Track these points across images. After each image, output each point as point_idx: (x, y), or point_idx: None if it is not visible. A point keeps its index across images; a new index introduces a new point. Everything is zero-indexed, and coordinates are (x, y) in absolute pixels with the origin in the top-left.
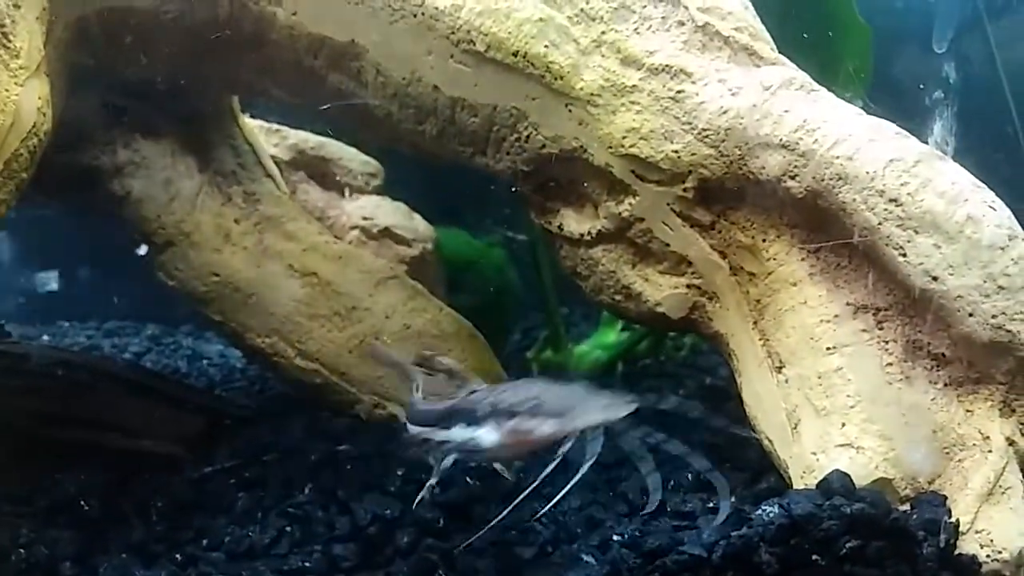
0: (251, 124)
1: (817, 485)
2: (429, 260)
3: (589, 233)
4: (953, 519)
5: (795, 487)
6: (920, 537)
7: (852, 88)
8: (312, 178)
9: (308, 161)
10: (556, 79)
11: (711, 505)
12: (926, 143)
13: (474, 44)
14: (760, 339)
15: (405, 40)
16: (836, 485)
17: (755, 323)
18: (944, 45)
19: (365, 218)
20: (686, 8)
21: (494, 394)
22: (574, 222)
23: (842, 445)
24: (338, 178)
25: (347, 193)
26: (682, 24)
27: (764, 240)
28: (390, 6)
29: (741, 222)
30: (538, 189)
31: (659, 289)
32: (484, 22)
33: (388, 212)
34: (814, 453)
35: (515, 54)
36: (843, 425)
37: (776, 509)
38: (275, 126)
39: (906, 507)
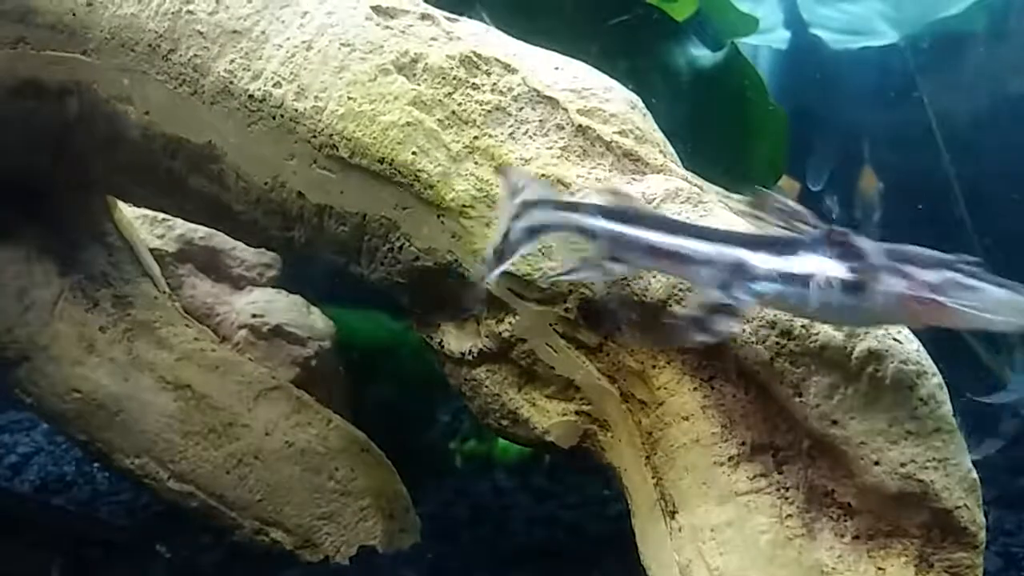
0: (130, 216)
1: None
2: (326, 359)
3: (471, 352)
4: None
5: None
6: None
7: (771, 175)
8: (202, 271)
9: (197, 253)
10: (426, 188)
11: None
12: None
13: (337, 149)
14: (653, 477)
15: (265, 143)
16: None
17: (647, 458)
18: (821, 184)
19: (255, 315)
20: (565, 110)
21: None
22: (455, 340)
23: None
24: (230, 270)
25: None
26: (561, 128)
27: (654, 367)
28: (247, 107)
29: (630, 346)
30: (416, 303)
31: (547, 415)
32: (347, 126)
33: (281, 308)
34: None
35: (381, 161)
36: None
37: None
38: (160, 215)
39: None
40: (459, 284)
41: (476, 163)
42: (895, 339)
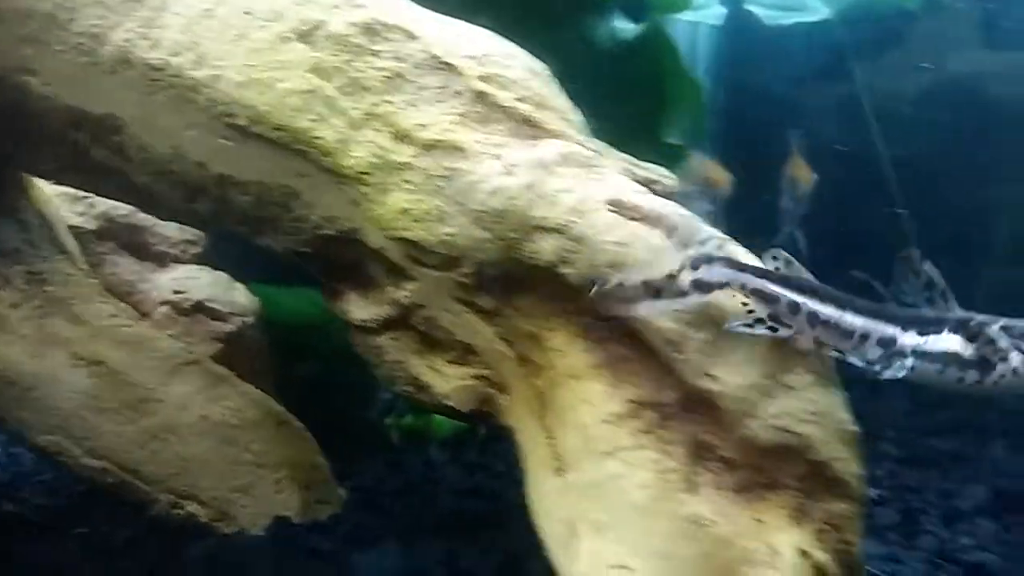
0: (50, 193)
1: None
2: (249, 335)
3: (374, 320)
4: None
5: None
6: None
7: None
8: (124, 248)
9: (119, 230)
10: (324, 155)
11: None
12: None
13: (236, 118)
14: (546, 437)
15: (165, 113)
16: None
17: (541, 419)
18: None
19: (177, 292)
20: (465, 77)
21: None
22: (358, 308)
23: (615, 566)
24: (153, 247)
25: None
26: (459, 94)
27: (547, 329)
28: (146, 77)
29: (525, 309)
30: (323, 272)
31: (447, 380)
32: (245, 94)
33: (204, 284)
34: (587, 574)
35: (278, 128)
36: (617, 542)
37: None
38: (81, 193)
39: None
40: (362, 252)
41: (375, 130)
42: None
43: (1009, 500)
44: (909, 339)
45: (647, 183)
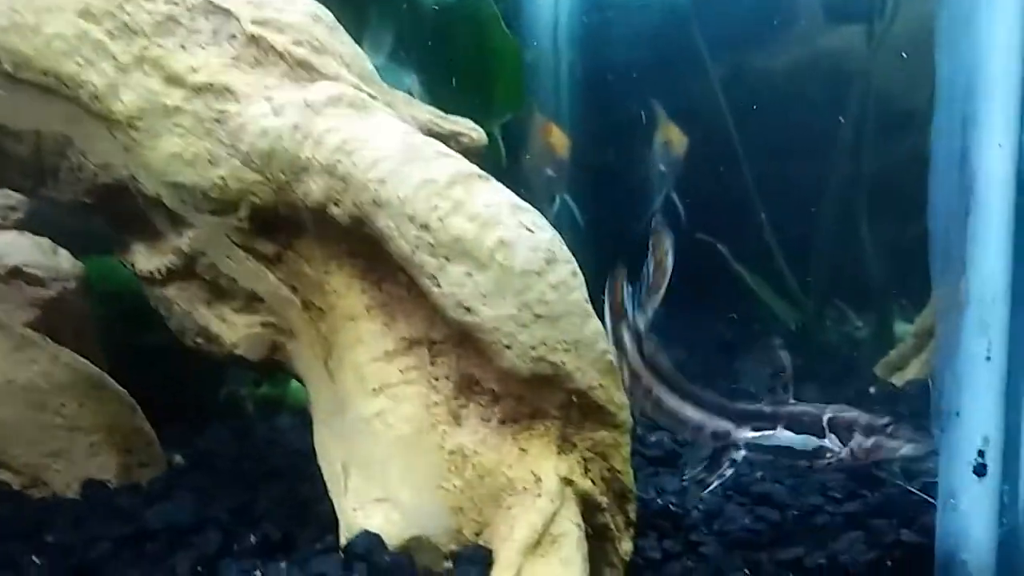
0: None
1: (343, 550)
2: (71, 300)
3: (159, 271)
4: None
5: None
6: None
7: (510, 105)
8: None
9: None
10: (93, 100)
11: None
12: None
13: (1, 64)
14: (329, 380)
15: None
16: (360, 549)
17: (325, 363)
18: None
19: None
20: (238, 20)
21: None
22: (144, 259)
23: (379, 500)
24: None
25: None
26: (233, 37)
27: (327, 272)
28: None
29: (305, 253)
30: (110, 223)
31: (235, 329)
32: (10, 39)
33: (23, 249)
34: (355, 509)
35: (46, 73)
36: (381, 476)
37: None
38: None
39: (449, 565)
40: (141, 200)
41: (145, 74)
42: (528, 229)
43: None
44: (743, 433)
45: (453, 135)
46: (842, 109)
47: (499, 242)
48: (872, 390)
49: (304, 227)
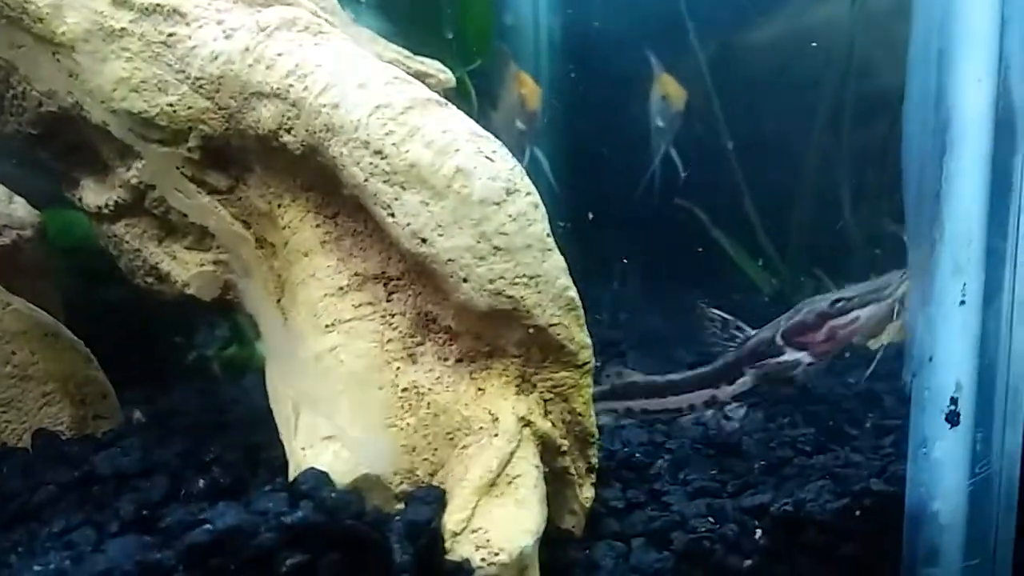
0: None
1: (288, 487)
2: (25, 249)
3: (107, 206)
4: (447, 519)
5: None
6: (392, 544)
7: (480, 46)
8: None
9: None
10: (35, 22)
11: None
12: None
13: None
14: (282, 318)
15: None
16: (306, 487)
17: (279, 300)
18: None
19: None
20: None
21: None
22: (92, 194)
23: (328, 438)
24: None
25: None
26: None
27: (280, 206)
28: None
29: (259, 186)
30: (57, 156)
31: (186, 267)
32: None
33: None
34: (303, 448)
35: None
36: (331, 414)
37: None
38: None
39: (401, 506)
40: (87, 130)
41: None
42: (487, 157)
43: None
44: (726, 391)
45: (420, 76)
46: (825, 82)
47: (456, 170)
48: (847, 355)
49: (256, 158)
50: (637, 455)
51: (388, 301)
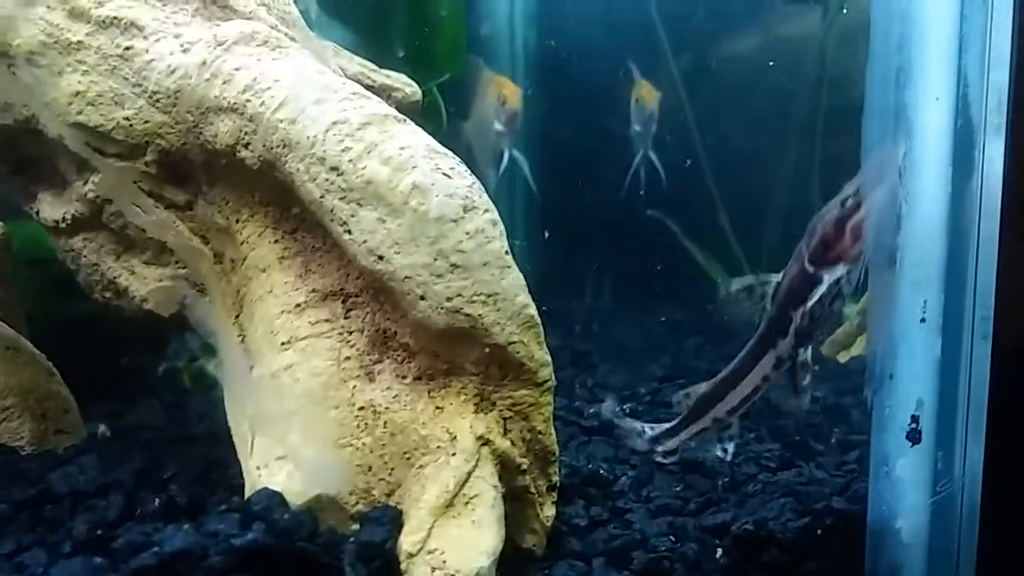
0: None
1: (241, 508)
2: None
3: (64, 219)
4: (402, 540)
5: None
6: (345, 566)
7: (451, 59)
8: None
9: None
10: None
11: None
12: None
13: None
14: (239, 335)
15: None
16: (258, 507)
17: (237, 317)
18: None
19: None
20: None
21: None
22: (50, 207)
23: (282, 457)
24: None
25: None
26: None
27: (238, 221)
28: None
29: (217, 201)
30: (13, 170)
31: (145, 282)
32: None
33: None
34: (258, 468)
35: None
36: (285, 433)
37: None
38: None
39: (356, 527)
40: (44, 143)
41: (48, 7)
42: (445, 174)
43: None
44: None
45: (385, 89)
46: (797, 95)
47: (413, 187)
48: (816, 368)
49: (214, 173)
50: (602, 471)
51: (346, 318)
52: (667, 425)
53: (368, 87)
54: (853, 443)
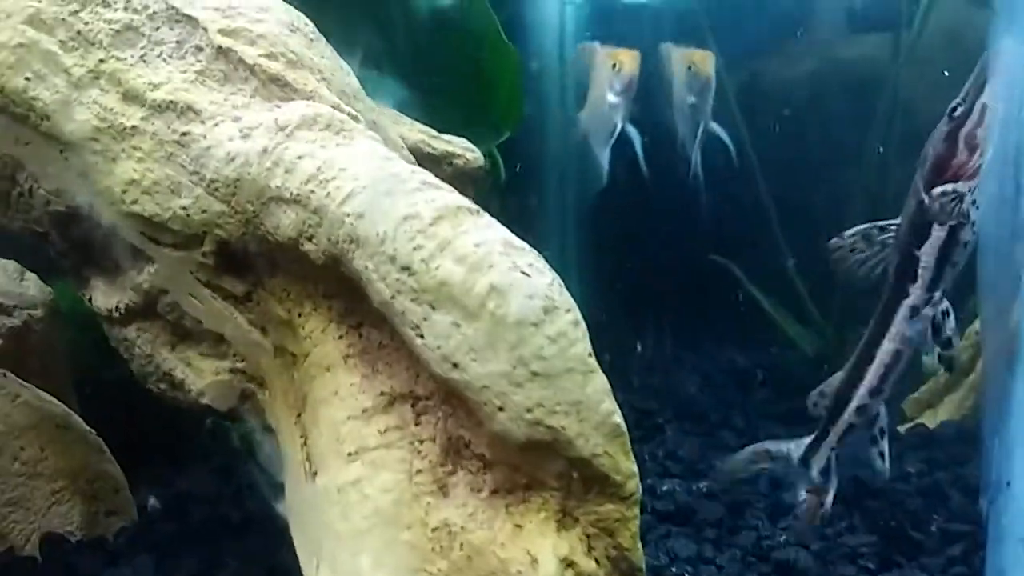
0: None
1: None
2: (36, 328)
3: (118, 309)
4: None
5: None
6: None
7: (508, 119)
8: None
9: None
10: (42, 119)
11: None
12: None
13: None
14: (301, 436)
15: None
16: None
17: (299, 416)
18: None
19: None
20: (206, 31)
21: None
22: (102, 295)
23: None
24: None
25: None
26: (200, 50)
27: (300, 315)
28: None
29: (277, 293)
30: (65, 254)
31: (202, 375)
32: None
33: None
34: None
35: None
36: (357, 555)
37: None
38: None
39: None
40: (97, 230)
41: (101, 90)
42: (524, 272)
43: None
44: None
45: (447, 156)
46: (866, 122)
47: (490, 288)
48: (901, 430)
49: (275, 263)
50: (686, 574)
51: (416, 424)
52: (809, 439)
53: (429, 155)
54: (956, 534)
